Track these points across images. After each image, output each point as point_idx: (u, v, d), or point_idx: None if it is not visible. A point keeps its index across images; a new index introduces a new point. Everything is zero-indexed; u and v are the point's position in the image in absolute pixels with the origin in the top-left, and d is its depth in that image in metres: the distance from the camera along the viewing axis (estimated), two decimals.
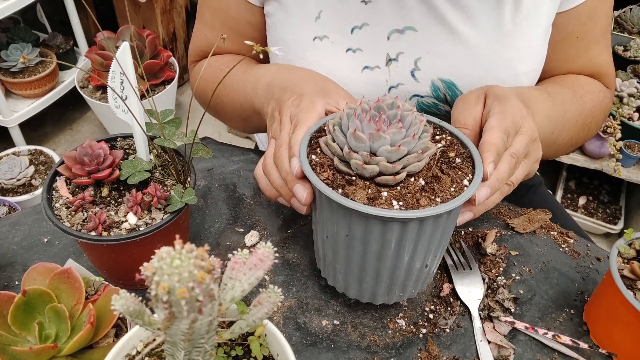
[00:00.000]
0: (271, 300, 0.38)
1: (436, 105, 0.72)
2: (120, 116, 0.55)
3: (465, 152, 0.54)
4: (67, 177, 0.57)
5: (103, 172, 0.55)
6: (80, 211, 0.55)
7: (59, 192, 0.56)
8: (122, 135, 0.62)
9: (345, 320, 0.60)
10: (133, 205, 0.54)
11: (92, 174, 0.55)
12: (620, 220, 1.85)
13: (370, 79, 0.70)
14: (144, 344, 0.44)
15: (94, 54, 1.83)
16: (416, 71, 0.70)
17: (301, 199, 0.52)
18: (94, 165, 0.55)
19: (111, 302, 0.34)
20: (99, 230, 0.53)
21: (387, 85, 0.71)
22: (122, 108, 0.55)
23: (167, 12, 2.14)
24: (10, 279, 0.61)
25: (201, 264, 0.29)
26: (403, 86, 0.71)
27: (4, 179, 1.76)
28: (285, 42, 0.72)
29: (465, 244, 0.68)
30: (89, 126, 2.24)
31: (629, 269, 0.55)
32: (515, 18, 0.68)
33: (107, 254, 0.56)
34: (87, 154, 0.56)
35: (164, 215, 0.55)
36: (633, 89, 1.73)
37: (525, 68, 0.70)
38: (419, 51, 0.69)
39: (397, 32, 0.69)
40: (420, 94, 0.71)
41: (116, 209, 0.56)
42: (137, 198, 0.54)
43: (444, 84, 0.70)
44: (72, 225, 0.54)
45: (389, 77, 0.70)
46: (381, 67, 0.70)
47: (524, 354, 0.58)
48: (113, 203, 0.57)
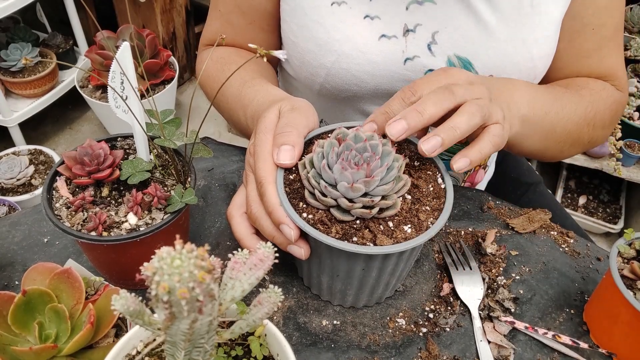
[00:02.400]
0: (271, 300, 0.38)
1: None
2: (120, 116, 0.55)
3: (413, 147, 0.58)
4: (68, 177, 0.57)
5: (103, 172, 0.55)
6: (80, 211, 0.55)
7: (59, 192, 0.56)
8: (122, 135, 0.62)
9: (345, 320, 0.60)
10: (133, 205, 0.54)
11: (93, 174, 0.55)
12: (621, 220, 1.85)
13: (387, 48, 0.70)
14: (144, 344, 0.44)
15: (94, 53, 1.83)
16: (433, 45, 0.70)
17: (301, 256, 0.54)
18: (94, 165, 0.55)
19: (111, 302, 0.34)
20: (99, 230, 0.53)
21: (403, 57, 0.70)
22: (122, 108, 0.55)
23: (167, 11, 2.14)
24: (10, 279, 0.61)
25: (201, 264, 0.29)
26: (419, 59, 0.70)
27: (3, 179, 1.76)
28: (302, 7, 0.71)
29: (465, 243, 0.68)
30: (89, 126, 2.24)
31: (629, 269, 0.55)
32: (533, 1, 0.68)
33: (108, 254, 0.56)
34: (88, 153, 0.56)
35: (164, 215, 0.55)
36: (633, 89, 1.73)
37: (540, 52, 0.71)
38: (437, 25, 0.69)
39: (416, 3, 0.68)
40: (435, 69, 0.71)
41: (116, 209, 0.56)
42: (138, 198, 0.54)
43: (460, 61, 0.70)
44: (72, 225, 0.54)
45: (405, 48, 0.70)
46: (398, 37, 0.70)
47: (524, 353, 0.58)
48: (113, 203, 0.57)
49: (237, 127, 0.76)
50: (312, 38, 0.71)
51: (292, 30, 0.74)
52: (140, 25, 2.14)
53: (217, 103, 0.78)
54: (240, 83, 0.72)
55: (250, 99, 0.68)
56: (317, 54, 0.71)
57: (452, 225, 0.71)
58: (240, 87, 0.71)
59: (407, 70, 0.71)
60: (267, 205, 0.53)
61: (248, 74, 0.74)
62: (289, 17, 0.74)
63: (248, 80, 0.72)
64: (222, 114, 0.79)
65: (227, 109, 0.75)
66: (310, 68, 0.73)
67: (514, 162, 1.03)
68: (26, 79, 1.86)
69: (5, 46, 1.88)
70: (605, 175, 1.90)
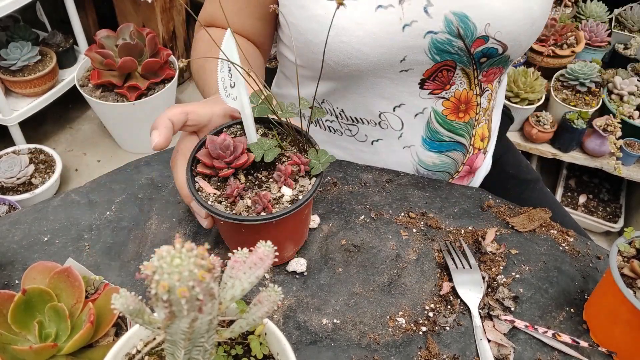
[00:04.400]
0: (271, 299, 0.38)
1: (449, 41, 0.72)
2: (230, 104, 0.57)
3: None
4: (209, 174, 0.57)
5: (241, 160, 0.56)
6: (237, 200, 0.55)
7: (204, 191, 0.56)
8: (225, 125, 0.63)
9: (345, 318, 0.60)
10: (285, 178, 0.56)
11: (232, 164, 0.56)
12: (621, 219, 1.85)
13: (384, 18, 0.70)
14: (144, 342, 0.44)
15: (94, 52, 1.83)
16: (429, 7, 0.70)
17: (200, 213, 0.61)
18: (231, 156, 0.56)
19: (111, 301, 0.34)
20: (270, 208, 0.54)
21: (401, 24, 0.71)
22: (232, 96, 0.56)
23: (167, 10, 2.14)
24: (10, 277, 0.61)
25: (201, 262, 0.29)
26: (417, 24, 0.71)
27: (3, 178, 1.76)
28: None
29: (465, 242, 0.68)
30: (89, 125, 2.24)
31: (629, 268, 0.55)
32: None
33: (281, 228, 0.58)
34: (219, 146, 0.56)
35: (309, 180, 0.57)
36: (633, 87, 1.73)
37: (538, 9, 0.72)
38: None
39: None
40: (434, 30, 0.71)
41: (266, 187, 0.57)
42: (288, 170, 0.56)
43: (456, 17, 0.70)
44: (238, 213, 0.54)
45: (402, 15, 0.70)
46: (394, 5, 0.70)
47: (523, 352, 0.58)
48: (258, 184, 0.58)
49: None
50: (312, 16, 0.72)
51: (292, 13, 0.75)
52: (140, 24, 2.14)
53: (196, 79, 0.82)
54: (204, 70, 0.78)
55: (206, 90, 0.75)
56: (318, 32, 0.72)
57: (452, 224, 0.71)
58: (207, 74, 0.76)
59: (407, 37, 0.71)
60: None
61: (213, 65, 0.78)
62: (287, 1, 0.75)
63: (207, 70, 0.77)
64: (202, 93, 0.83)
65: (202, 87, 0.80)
66: (312, 46, 0.74)
67: (512, 159, 1.03)
68: (26, 77, 1.86)
69: (5, 45, 1.88)
70: (605, 174, 1.90)
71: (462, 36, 0.71)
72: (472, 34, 0.72)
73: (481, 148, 0.88)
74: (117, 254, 0.64)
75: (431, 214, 0.72)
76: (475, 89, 0.79)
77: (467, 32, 0.71)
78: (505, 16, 0.71)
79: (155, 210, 0.69)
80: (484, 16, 0.70)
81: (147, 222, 0.68)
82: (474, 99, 0.80)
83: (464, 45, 0.73)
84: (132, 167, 0.75)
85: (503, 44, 0.73)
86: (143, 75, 1.89)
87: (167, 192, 0.72)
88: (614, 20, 1.99)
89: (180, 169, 0.59)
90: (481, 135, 0.86)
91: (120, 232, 0.67)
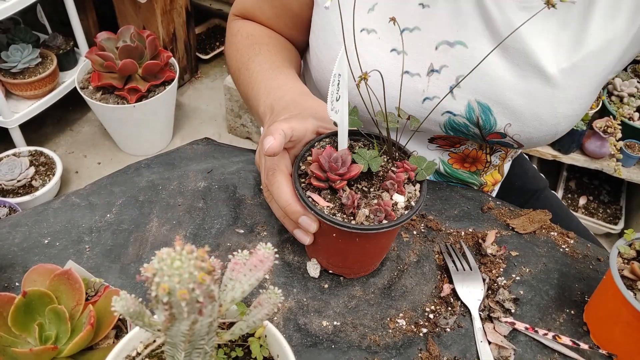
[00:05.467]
0: (271, 302, 0.38)
1: (467, 126, 0.71)
2: (332, 117, 0.57)
3: None
4: (321, 187, 0.57)
5: (354, 171, 0.56)
6: (355, 210, 0.55)
7: (318, 205, 0.56)
8: (316, 140, 0.62)
9: (345, 321, 0.60)
10: (399, 186, 0.56)
11: (344, 175, 0.56)
12: (621, 221, 1.85)
13: (408, 85, 0.69)
14: (144, 345, 0.44)
15: (94, 54, 1.83)
16: (456, 88, 0.68)
17: (310, 229, 0.57)
18: (342, 168, 0.56)
19: (111, 304, 0.34)
20: (393, 216, 0.54)
21: (423, 96, 0.69)
22: (335, 109, 0.56)
23: (167, 12, 2.14)
24: (10, 280, 0.61)
25: (201, 265, 0.30)
26: (438, 100, 0.69)
27: (4, 180, 1.76)
28: (332, 26, 0.70)
29: (466, 244, 0.68)
30: (90, 127, 2.24)
31: (629, 270, 0.55)
32: (573, 58, 0.65)
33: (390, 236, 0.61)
34: (330, 159, 0.56)
35: (415, 186, 0.58)
36: (633, 89, 1.73)
37: (567, 111, 0.68)
38: (464, 68, 0.67)
39: (446, 44, 0.67)
40: (453, 112, 0.70)
41: (378, 196, 0.57)
42: (400, 178, 0.56)
43: (480, 106, 0.68)
44: (358, 223, 0.54)
45: (427, 87, 0.69)
46: (422, 75, 0.68)
47: (524, 354, 0.58)
48: (369, 193, 0.57)
49: (250, 101, 0.76)
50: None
51: (319, 46, 0.73)
52: (141, 27, 2.15)
53: (238, 74, 0.79)
54: (271, 65, 0.73)
55: (280, 84, 0.70)
56: None
57: (453, 226, 0.71)
58: (270, 69, 0.73)
59: (425, 109, 0.70)
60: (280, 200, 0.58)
61: (279, 59, 0.76)
62: (319, 31, 0.73)
63: (279, 66, 0.74)
64: (238, 85, 0.80)
65: (248, 83, 0.75)
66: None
67: (519, 169, 1.01)
68: (27, 80, 1.86)
69: (5, 47, 1.88)
70: (605, 175, 1.90)
71: (481, 126, 0.70)
72: (491, 128, 0.70)
73: (490, 191, 0.88)
74: (118, 257, 0.64)
75: (431, 215, 0.72)
76: (485, 149, 0.78)
77: (486, 124, 0.70)
78: (529, 124, 0.68)
79: (155, 213, 0.69)
80: (508, 116, 0.68)
81: (148, 225, 0.68)
82: (484, 157, 0.80)
83: (480, 133, 0.71)
84: (133, 170, 0.75)
85: (519, 143, 0.72)
86: (143, 78, 1.89)
87: (167, 194, 0.72)
88: None
89: (285, 187, 0.57)
90: (492, 181, 0.86)
91: (121, 235, 0.67)
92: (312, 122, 0.61)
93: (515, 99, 0.67)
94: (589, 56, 0.65)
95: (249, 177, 0.75)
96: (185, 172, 0.75)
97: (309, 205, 0.55)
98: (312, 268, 0.64)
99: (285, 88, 0.68)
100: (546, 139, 0.71)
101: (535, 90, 0.66)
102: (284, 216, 0.60)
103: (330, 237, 0.58)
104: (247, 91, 0.75)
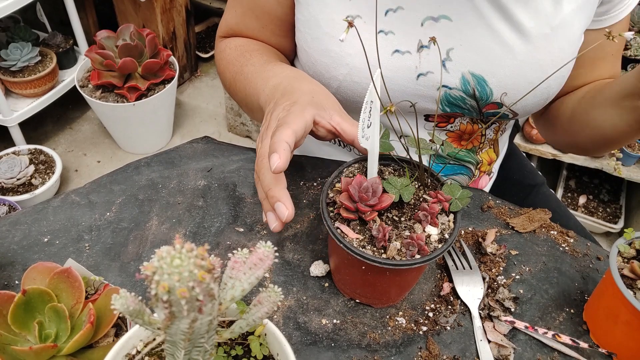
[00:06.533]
0: (271, 300, 0.38)
1: (463, 99, 0.72)
2: (363, 144, 0.55)
3: None
4: (350, 218, 0.55)
5: (385, 202, 0.54)
6: (385, 243, 0.53)
7: (347, 236, 0.54)
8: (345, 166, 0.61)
9: (345, 319, 0.60)
10: (432, 217, 0.54)
11: (375, 206, 0.54)
12: (621, 219, 1.85)
13: (400, 63, 0.69)
14: (144, 343, 0.44)
15: (94, 53, 1.83)
16: (447, 61, 0.69)
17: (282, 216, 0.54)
18: (374, 199, 0.54)
19: (111, 302, 0.34)
20: (426, 250, 0.52)
21: (417, 72, 0.70)
22: (366, 136, 0.55)
23: (167, 11, 2.14)
24: (10, 278, 0.61)
25: (201, 263, 0.29)
26: (432, 75, 0.70)
27: (3, 179, 1.76)
28: (316, 19, 0.71)
29: (465, 243, 0.68)
30: (89, 126, 2.24)
31: (629, 269, 0.55)
32: (552, 22, 0.68)
33: (421, 269, 0.58)
34: (360, 189, 0.54)
35: (448, 216, 0.55)
36: None
37: (556, 73, 0.70)
38: (452, 41, 0.69)
39: (431, 20, 0.68)
40: (449, 86, 0.71)
41: (409, 228, 0.55)
42: (434, 209, 0.53)
43: (474, 78, 0.70)
44: (390, 257, 0.52)
45: (419, 63, 0.70)
46: (412, 52, 0.69)
47: (524, 353, 0.58)
48: (400, 224, 0.55)
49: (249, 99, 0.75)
50: (325, 50, 0.71)
51: (306, 41, 0.74)
52: (140, 25, 2.14)
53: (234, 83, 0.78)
54: (263, 61, 0.74)
55: (276, 72, 0.70)
56: (330, 66, 0.72)
57: None
58: (264, 64, 0.73)
59: (420, 86, 0.71)
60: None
61: (271, 58, 0.76)
62: (303, 28, 0.74)
63: (272, 61, 0.74)
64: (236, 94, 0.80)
65: (243, 86, 0.75)
66: (322, 79, 0.74)
67: (516, 164, 1.02)
68: (26, 78, 1.86)
69: (5, 46, 1.88)
70: (605, 174, 1.90)
71: (477, 98, 0.71)
72: (488, 98, 0.71)
73: (487, 171, 0.88)
74: (117, 255, 0.64)
75: None
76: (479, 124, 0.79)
77: (482, 96, 0.71)
78: (522, 91, 0.70)
79: (155, 211, 0.69)
80: (501, 86, 0.70)
81: (147, 223, 0.68)
82: (479, 131, 0.80)
83: (477, 105, 0.72)
84: (132, 168, 0.75)
85: (514, 112, 0.74)
86: (143, 76, 1.89)
87: (167, 192, 0.72)
88: None
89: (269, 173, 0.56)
90: (488, 159, 0.86)
91: (120, 233, 0.67)
92: (310, 112, 0.59)
93: (507, 67, 0.69)
94: (568, 16, 0.68)
95: (248, 175, 0.75)
96: (185, 170, 0.75)
97: (338, 237, 0.52)
98: (316, 270, 0.63)
99: (282, 75, 0.68)
100: (539, 103, 0.73)
101: (523, 56, 0.69)
102: (265, 198, 0.59)
103: (358, 269, 0.55)
104: (245, 92, 0.75)
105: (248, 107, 0.78)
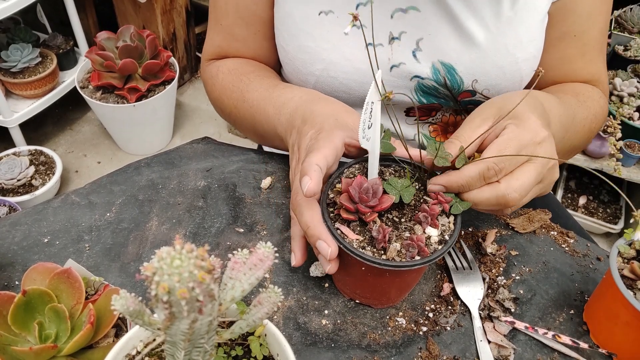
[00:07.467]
0: (271, 300, 0.38)
1: (436, 88, 0.73)
2: (364, 145, 0.55)
3: None
4: (350, 219, 0.55)
5: (386, 203, 0.54)
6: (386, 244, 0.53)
7: (347, 238, 0.54)
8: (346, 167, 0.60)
9: (345, 319, 0.60)
10: (433, 219, 0.54)
11: (375, 207, 0.54)
12: (621, 220, 1.85)
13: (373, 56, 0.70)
14: (144, 344, 0.44)
15: (94, 54, 1.83)
16: (417, 52, 0.70)
17: (326, 255, 0.53)
18: (373, 199, 0.54)
19: (111, 302, 0.34)
20: (426, 252, 0.52)
21: (389, 64, 0.71)
22: (367, 137, 0.55)
23: (167, 12, 2.14)
24: (10, 279, 0.61)
25: (201, 264, 0.30)
26: (404, 66, 0.71)
27: (4, 179, 1.76)
28: (292, 16, 0.72)
29: (465, 243, 0.68)
30: (89, 127, 2.24)
31: (629, 269, 0.55)
32: (514, 6, 0.69)
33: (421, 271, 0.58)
34: (360, 189, 0.54)
35: (449, 218, 0.55)
36: (633, 89, 1.73)
37: (525, 54, 0.71)
38: (421, 32, 0.70)
39: (400, 11, 0.69)
40: (421, 75, 0.72)
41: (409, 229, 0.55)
42: (434, 211, 0.54)
43: (444, 67, 0.71)
44: (389, 258, 0.52)
45: (391, 55, 0.71)
46: (384, 45, 0.71)
47: (524, 353, 0.58)
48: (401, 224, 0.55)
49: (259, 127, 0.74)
50: (302, 46, 0.72)
51: (284, 38, 0.75)
52: (141, 26, 2.15)
53: (236, 111, 0.77)
54: (267, 85, 0.73)
55: (288, 97, 0.69)
56: (307, 62, 0.73)
57: None
58: (268, 89, 0.73)
59: (394, 77, 0.72)
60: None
61: (271, 80, 0.75)
62: (280, 25, 0.75)
63: (276, 85, 0.73)
64: (238, 122, 0.79)
65: (250, 114, 0.75)
66: (300, 75, 0.75)
67: None
68: (27, 79, 1.86)
69: (5, 47, 1.88)
70: (605, 175, 1.90)
71: (449, 87, 0.72)
72: (459, 87, 0.72)
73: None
74: (117, 255, 0.64)
75: None
76: (462, 115, 0.79)
77: (453, 84, 0.72)
78: (493, 76, 0.71)
79: (155, 212, 0.69)
80: (471, 74, 0.71)
81: (147, 224, 0.68)
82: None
83: (451, 94, 0.73)
84: (132, 169, 0.75)
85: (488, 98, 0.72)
86: (143, 77, 1.89)
87: (167, 193, 0.72)
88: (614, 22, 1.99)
89: (306, 210, 0.55)
90: None
91: (120, 234, 0.67)
92: (339, 136, 0.58)
93: (472, 54, 0.70)
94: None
95: (248, 176, 0.75)
96: (185, 171, 0.75)
97: (337, 237, 0.53)
98: (316, 270, 0.63)
99: (296, 99, 0.68)
100: (514, 86, 0.73)
101: (487, 42, 0.69)
102: (301, 235, 0.59)
103: (358, 269, 0.55)
104: (253, 120, 0.74)
105: (257, 134, 0.77)
